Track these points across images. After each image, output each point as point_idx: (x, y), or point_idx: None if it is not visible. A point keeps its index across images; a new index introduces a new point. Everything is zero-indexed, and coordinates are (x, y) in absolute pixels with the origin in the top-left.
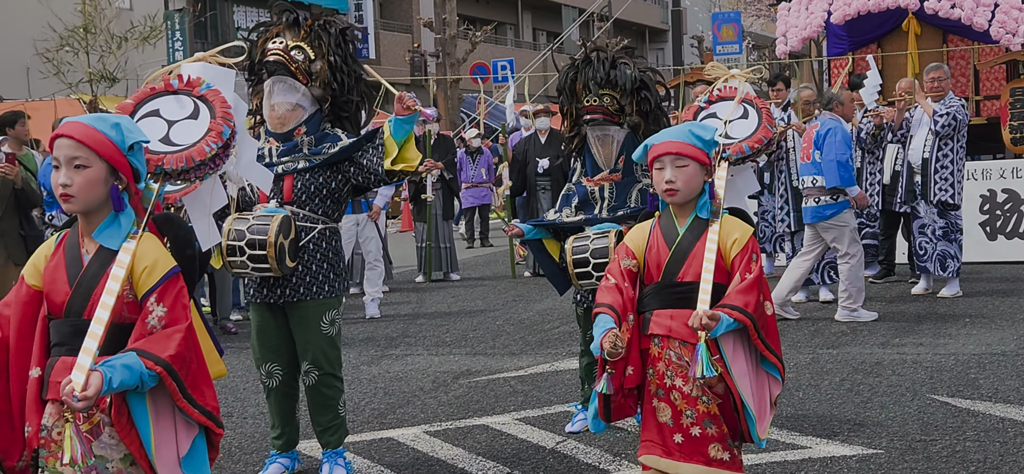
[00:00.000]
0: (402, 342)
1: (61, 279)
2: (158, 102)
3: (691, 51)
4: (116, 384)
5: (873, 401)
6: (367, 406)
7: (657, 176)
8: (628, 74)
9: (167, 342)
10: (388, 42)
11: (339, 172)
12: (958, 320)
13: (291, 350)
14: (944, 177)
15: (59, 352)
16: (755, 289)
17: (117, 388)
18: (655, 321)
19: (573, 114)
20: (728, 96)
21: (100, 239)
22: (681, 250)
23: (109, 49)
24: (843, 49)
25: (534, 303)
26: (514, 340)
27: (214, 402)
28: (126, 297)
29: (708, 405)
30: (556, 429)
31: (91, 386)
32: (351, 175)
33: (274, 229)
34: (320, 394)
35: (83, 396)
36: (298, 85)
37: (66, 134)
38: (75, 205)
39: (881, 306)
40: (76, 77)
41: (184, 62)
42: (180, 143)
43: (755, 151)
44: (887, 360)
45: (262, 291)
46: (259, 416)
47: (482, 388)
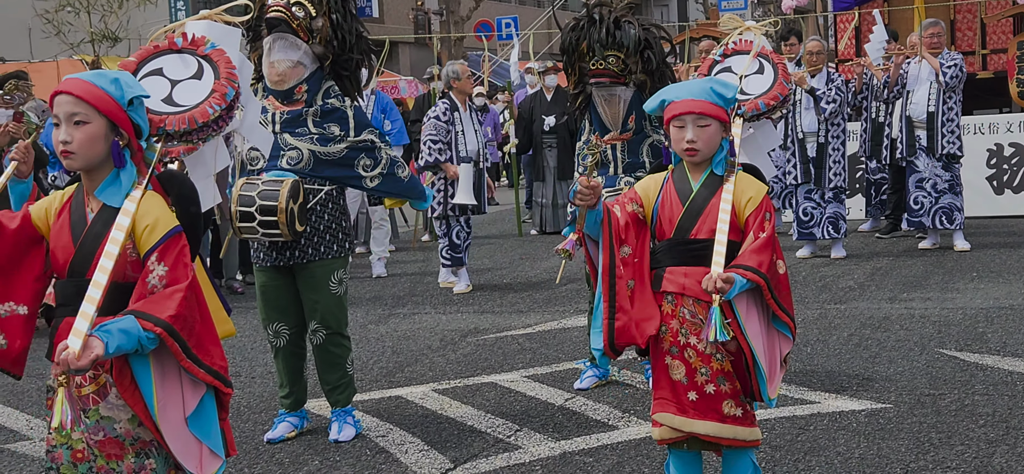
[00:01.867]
0: (409, 301)
1: (65, 238)
2: (162, 61)
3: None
4: (113, 349)
5: (881, 356)
6: (375, 365)
7: (676, 134)
8: (633, 34)
9: (167, 302)
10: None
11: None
12: (966, 274)
13: (298, 310)
14: (951, 130)
15: (64, 313)
16: (768, 248)
17: (115, 353)
18: (668, 278)
19: (577, 73)
20: (743, 50)
21: (102, 197)
22: (695, 206)
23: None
24: (849, 3)
25: (541, 261)
26: (521, 298)
27: (222, 361)
28: (129, 255)
29: (722, 362)
30: (565, 386)
31: (91, 351)
32: None
33: (284, 194)
34: (328, 353)
35: (78, 362)
36: (299, 42)
37: (65, 90)
38: (76, 161)
39: (888, 261)
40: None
41: (188, 20)
42: (183, 103)
43: (771, 108)
44: (895, 315)
45: (271, 254)
46: (267, 376)
47: (490, 346)
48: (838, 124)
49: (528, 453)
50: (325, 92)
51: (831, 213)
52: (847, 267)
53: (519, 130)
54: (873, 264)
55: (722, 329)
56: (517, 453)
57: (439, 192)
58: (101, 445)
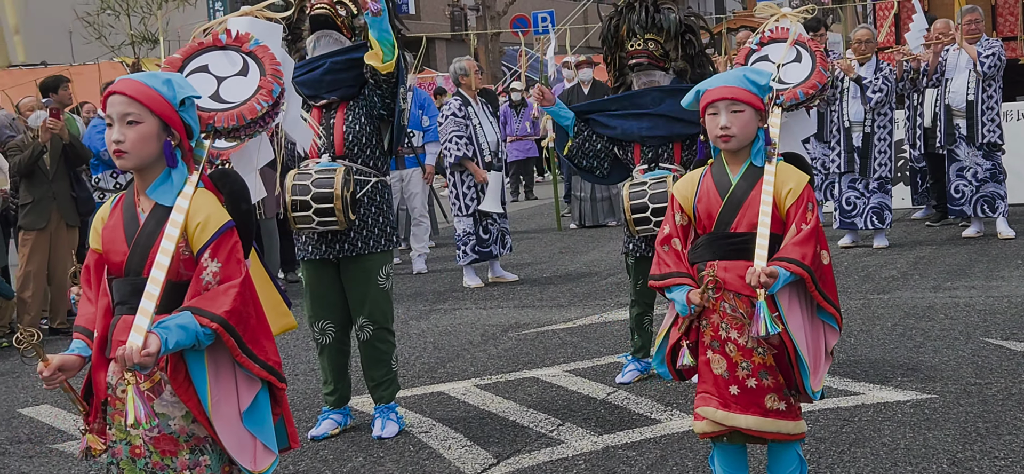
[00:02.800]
0: (450, 297)
1: (119, 239)
2: (207, 57)
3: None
4: (172, 345)
5: (926, 346)
6: (417, 361)
7: (711, 122)
8: (672, 18)
9: (222, 298)
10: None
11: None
12: (1010, 262)
13: (344, 306)
14: (991, 118)
15: (121, 311)
16: (812, 240)
17: (173, 348)
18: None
19: (617, 63)
20: (780, 37)
21: (155, 196)
22: (734, 200)
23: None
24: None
25: (581, 255)
26: (562, 292)
27: (276, 357)
28: (182, 254)
29: (763, 356)
30: (606, 380)
31: (150, 346)
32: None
33: (339, 181)
34: (374, 348)
35: (144, 353)
36: (343, 40)
37: (119, 91)
38: (128, 161)
39: (931, 250)
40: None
41: (231, 16)
42: (230, 100)
43: (809, 97)
44: (939, 304)
45: (320, 247)
46: (310, 373)
47: (531, 341)
48: (885, 114)
49: (571, 448)
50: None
51: (875, 203)
52: (890, 256)
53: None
54: (916, 253)
55: (771, 322)
56: (560, 448)
57: (472, 188)
58: (156, 442)
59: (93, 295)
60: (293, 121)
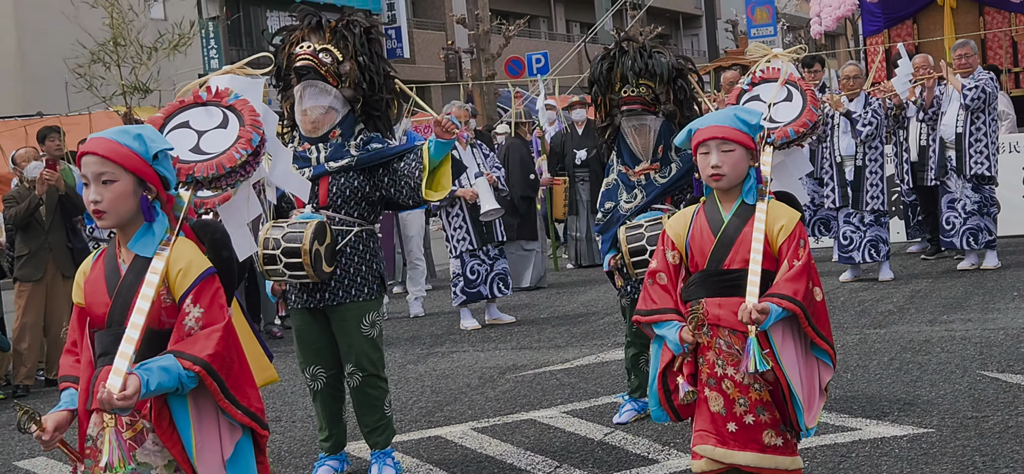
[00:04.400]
0: (447, 340)
1: (100, 291)
2: (188, 114)
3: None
4: (154, 386)
5: (923, 379)
6: (414, 405)
7: (702, 161)
8: (665, 63)
9: (205, 342)
10: (422, 40)
11: (374, 178)
12: (1006, 294)
13: (334, 353)
14: (979, 150)
15: (103, 362)
16: (804, 276)
17: (155, 391)
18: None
19: (606, 105)
20: (771, 77)
21: (135, 249)
22: (727, 237)
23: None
24: (878, 26)
25: (578, 295)
26: (559, 333)
27: (259, 403)
28: (163, 302)
29: (760, 392)
30: (604, 421)
31: (129, 387)
32: (384, 185)
33: (308, 235)
34: (365, 395)
35: (122, 397)
36: (329, 87)
37: (91, 151)
38: (108, 220)
39: (927, 283)
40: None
41: (212, 75)
42: (210, 152)
43: (800, 135)
44: (935, 337)
45: (302, 296)
46: (307, 419)
47: (529, 382)
48: (875, 147)
49: None
50: (358, 132)
51: (871, 236)
52: (886, 290)
53: (552, 165)
54: (912, 287)
55: (761, 359)
56: None
57: (459, 228)
58: None
59: (78, 349)
60: (284, 174)
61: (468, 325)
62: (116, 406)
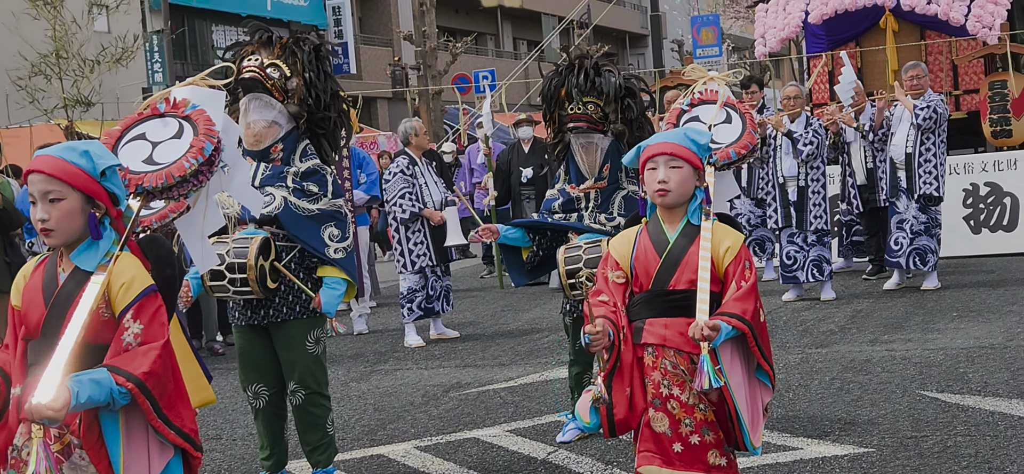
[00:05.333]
0: (391, 357)
1: (37, 300)
2: (144, 126)
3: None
4: (84, 399)
5: (863, 399)
6: (357, 423)
7: (649, 177)
8: (613, 82)
9: (142, 359)
10: (368, 56)
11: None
12: (945, 315)
13: (277, 370)
14: (928, 171)
15: (35, 372)
16: (752, 296)
17: (85, 404)
18: (648, 330)
19: (556, 121)
20: (709, 99)
21: (77, 260)
22: (672, 257)
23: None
24: (822, 48)
25: (523, 313)
26: (503, 351)
27: (192, 424)
28: (103, 316)
29: (705, 412)
30: (547, 439)
31: (58, 399)
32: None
33: (254, 251)
34: (308, 413)
35: (51, 408)
36: (274, 102)
37: (38, 169)
38: (56, 238)
39: (869, 303)
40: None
41: (174, 87)
42: (162, 162)
43: (741, 157)
44: (876, 357)
45: (246, 313)
46: (248, 438)
47: (472, 400)
48: (817, 167)
49: None
50: (302, 151)
51: (815, 256)
52: (828, 310)
53: (497, 182)
54: (854, 306)
55: (714, 376)
56: None
57: (420, 244)
58: None
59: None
60: (241, 187)
61: (413, 342)
62: (45, 417)
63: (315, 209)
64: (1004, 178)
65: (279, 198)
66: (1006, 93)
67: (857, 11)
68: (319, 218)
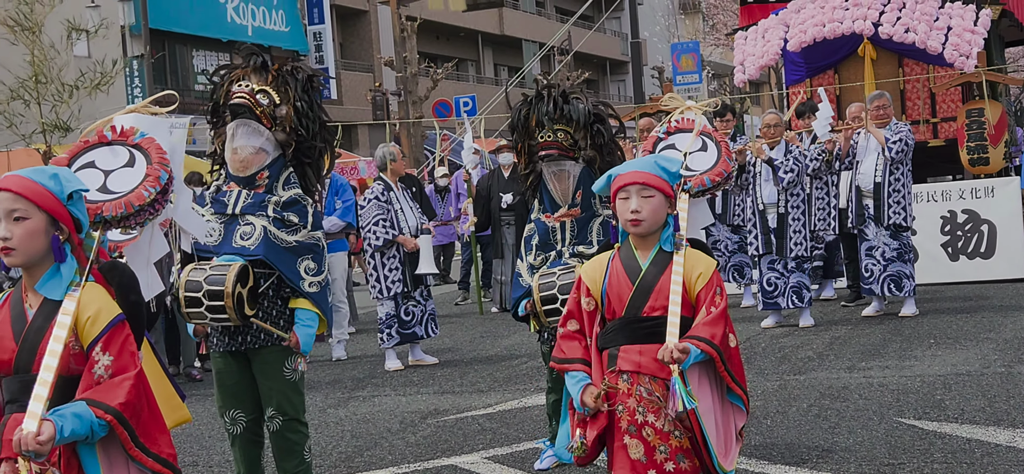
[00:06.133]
0: (369, 383)
1: (6, 336)
2: (93, 154)
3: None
4: (67, 433)
5: (841, 426)
6: (334, 450)
7: (622, 206)
8: (581, 108)
9: (117, 390)
10: (349, 81)
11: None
12: (923, 341)
13: (254, 396)
14: (897, 200)
15: (11, 410)
16: (721, 321)
17: (68, 437)
18: (623, 357)
19: (527, 151)
20: (686, 128)
21: (43, 291)
22: (646, 284)
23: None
24: (801, 76)
25: (501, 339)
26: (482, 377)
27: (169, 450)
28: (72, 349)
29: (680, 439)
30: (525, 467)
31: (44, 433)
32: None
33: (231, 278)
34: (285, 440)
35: (38, 441)
36: (262, 129)
37: (4, 187)
38: (16, 258)
39: (847, 329)
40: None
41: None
42: (118, 191)
43: (716, 184)
44: (854, 384)
45: (224, 339)
46: (225, 464)
47: (450, 427)
48: (797, 194)
49: None
50: (286, 180)
51: (795, 282)
52: (806, 337)
53: (477, 208)
54: (832, 333)
55: (688, 397)
56: None
57: (395, 270)
58: None
59: None
60: (185, 213)
61: (392, 366)
62: (32, 450)
63: (293, 241)
64: (982, 206)
65: (259, 228)
66: (983, 121)
67: (835, 39)
68: (297, 250)
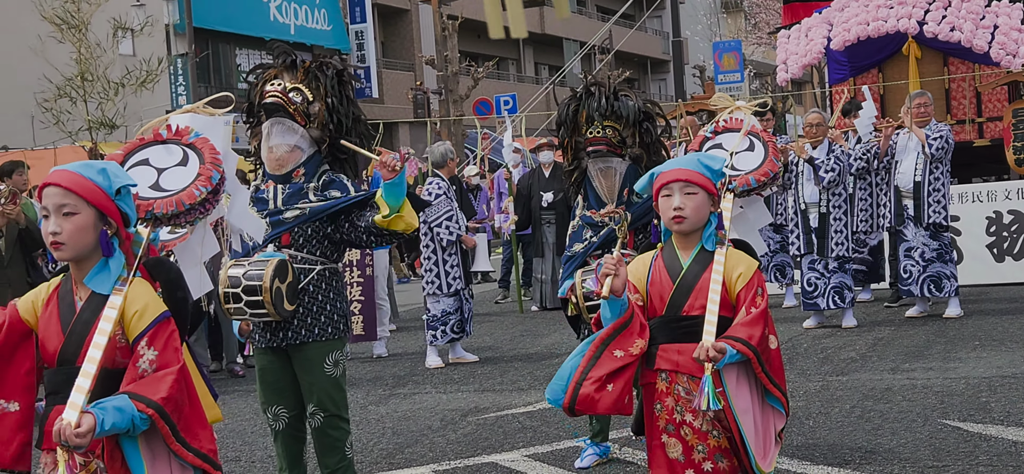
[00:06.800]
0: (410, 381)
1: (54, 327)
2: (147, 152)
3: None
4: (108, 426)
5: (884, 428)
6: (375, 446)
7: (664, 203)
8: (631, 105)
9: (158, 385)
10: (391, 80)
11: (335, 221)
12: (967, 343)
13: (296, 392)
14: (937, 199)
15: (54, 401)
16: (761, 322)
17: (109, 430)
18: (661, 355)
19: (573, 147)
20: (734, 127)
21: (91, 285)
22: (686, 283)
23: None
24: (844, 75)
25: (541, 337)
26: (522, 376)
27: (210, 445)
28: (118, 342)
29: (718, 439)
30: (566, 465)
31: (83, 425)
32: (345, 230)
33: (269, 273)
34: (326, 436)
35: (77, 433)
36: (296, 126)
37: (54, 182)
38: (66, 252)
39: (890, 330)
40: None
41: (172, 114)
42: (170, 189)
43: (761, 184)
44: (897, 386)
45: (265, 335)
46: (267, 460)
47: (491, 425)
48: (839, 194)
49: None
50: (321, 175)
51: (836, 283)
52: (849, 338)
53: (518, 207)
54: (875, 334)
55: (714, 398)
56: None
57: (456, 267)
58: None
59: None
60: (241, 214)
61: (433, 363)
62: (71, 442)
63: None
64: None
65: (307, 208)
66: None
67: (880, 38)
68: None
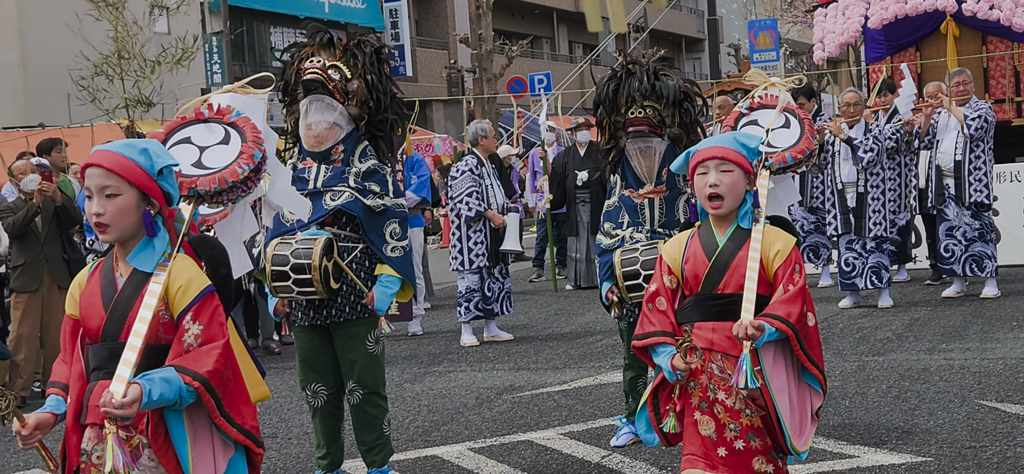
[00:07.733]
0: (445, 359)
1: (96, 304)
2: (189, 130)
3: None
4: (156, 397)
5: (921, 408)
6: (411, 424)
7: (700, 181)
8: (672, 86)
9: (205, 358)
10: (425, 59)
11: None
12: (1005, 323)
13: (335, 370)
14: (978, 178)
15: (98, 376)
16: (799, 300)
17: (156, 402)
18: (696, 333)
19: (611, 126)
20: (769, 104)
21: (134, 263)
22: (721, 261)
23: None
24: (881, 54)
25: (576, 316)
26: (557, 354)
27: (253, 421)
28: (162, 318)
29: (751, 418)
30: (601, 443)
31: (130, 395)
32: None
33: (318, 251)
34: (365, 413)
35: (123, 404)
36: (335, 104)
37: (96, 163)
38: (110, 234)
39: (926, 311)
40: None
41: (214, 93)
42: (212, 167)
43: (797, 162)
44: (934, 366)
45: (309, 314)
46: (304, 437)
47: (526, 403)
48: (877, 173)
49: None
50: (362, 153)
51: (874, 263)
52: (885, 318)
53: (553, 186)
54: (911, 314)
55: (752, 376)
56: None
57: (480, 244)
58: None
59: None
60: (283, 192)
61: (468, 342)
62: (117, 414)
63: (380, 205)
64: None
65: (348, 192)
66: None
67: (917, 16)
68: (384, 214)
